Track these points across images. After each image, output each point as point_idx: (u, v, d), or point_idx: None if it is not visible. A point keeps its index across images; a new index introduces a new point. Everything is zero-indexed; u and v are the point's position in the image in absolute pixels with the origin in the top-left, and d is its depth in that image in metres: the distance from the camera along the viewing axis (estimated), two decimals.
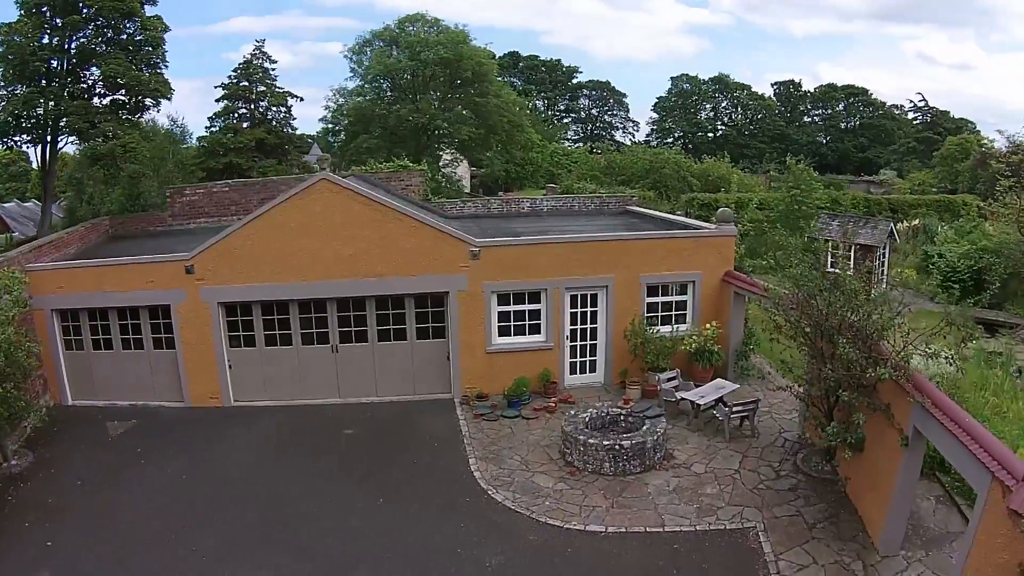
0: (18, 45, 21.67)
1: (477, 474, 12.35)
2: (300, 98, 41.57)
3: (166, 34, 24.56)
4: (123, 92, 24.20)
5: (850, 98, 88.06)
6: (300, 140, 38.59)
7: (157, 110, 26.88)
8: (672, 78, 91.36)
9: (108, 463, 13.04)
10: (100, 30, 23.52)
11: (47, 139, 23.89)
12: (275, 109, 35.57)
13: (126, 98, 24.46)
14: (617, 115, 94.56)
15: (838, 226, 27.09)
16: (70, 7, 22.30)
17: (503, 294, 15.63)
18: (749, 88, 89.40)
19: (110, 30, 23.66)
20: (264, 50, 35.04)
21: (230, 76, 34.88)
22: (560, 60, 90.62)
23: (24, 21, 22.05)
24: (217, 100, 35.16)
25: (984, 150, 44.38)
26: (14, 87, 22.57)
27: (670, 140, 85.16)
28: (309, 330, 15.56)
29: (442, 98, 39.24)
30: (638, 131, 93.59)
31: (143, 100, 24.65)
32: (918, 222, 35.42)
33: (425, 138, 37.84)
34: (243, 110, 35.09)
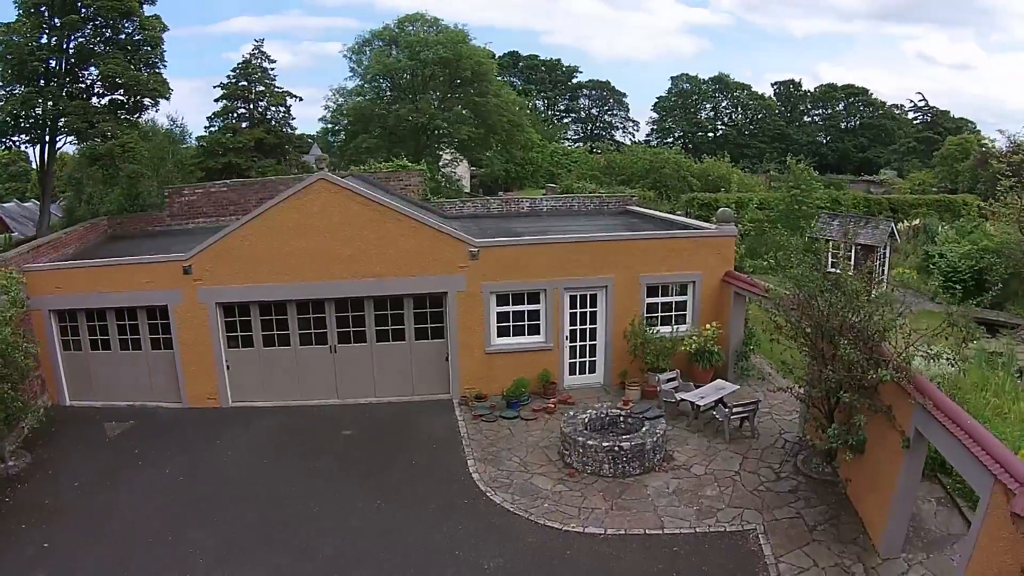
0: (16, 45, 21.61)
1: (476, 475, 12.29)
2: (299, 98, 41.61)
3: (165, 34, 24.53)
4: (121, 92, 24.14)
5: (850, 98, 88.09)
6: (300, 140, 38.60)
7: (156, 110, 26.92)
8: (672, 78, 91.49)
9: (106, 464, 12.99)
10: (98, 30, 23.46)
11: (45, 139, 23.83)
12: (274, 109, 35.60)
13: (124, 98, 24.39)
14: (617, 115, 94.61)
15: (838, 226, 27.03)
16: (68, 7, 22.23)
17: (502, 294, 15.57)
18: (749, 88, 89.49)
19: (108, 30, 23.59)
20: (263, 50, 35.09)
21: (229, 76, 34.93)
22: (560, 60, 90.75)
23: (22, 21, 22.00)
24: (216, 100, 35.22)
25: (984, 150, 44.32)
26: (12, 87, 22.50)
27: (670, 140, 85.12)
28: (307, 331, 15.50)
29: (442, 98, 39.20)
30: (638, 131, 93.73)
31: (142, 100, 24.58)
32: (918, 222, 35.39)
33: (425, 138, 37.79)
34: (242, 110, 35.10)
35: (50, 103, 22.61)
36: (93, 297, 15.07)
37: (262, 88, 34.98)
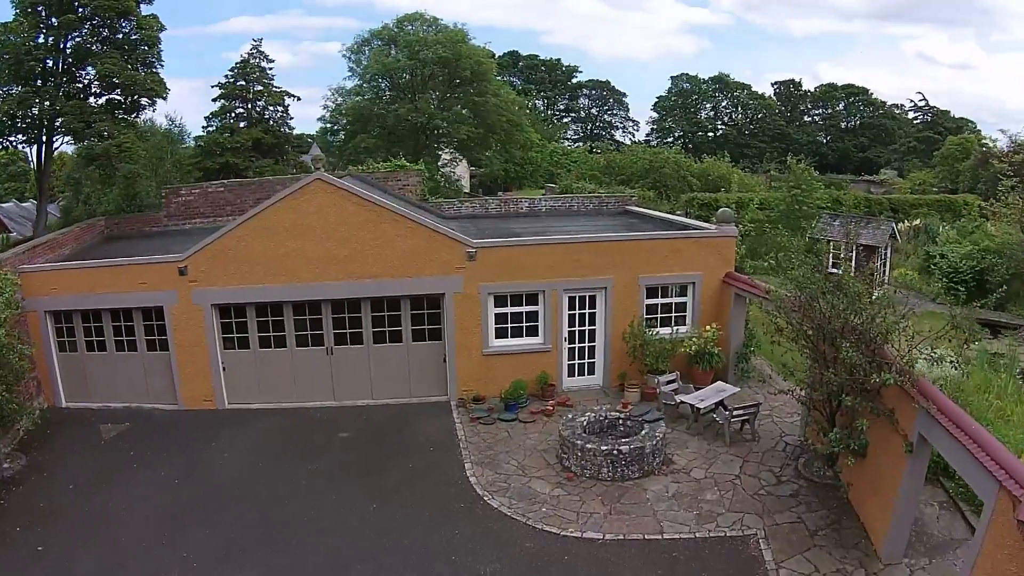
0: (13, 45, 21.48)
1: (473, 479, 12.16)
2: (297, 97, 41.61)
3: (163, 33, 24.41)
4: (118, 92, 24.00)
5: (850, 97, 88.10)
6: (299, 140, 38.49)
7: (153, 110, 26.74)
8: (672, 77, 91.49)
9: (101, 466, 12.91)
10: (96, 29, 23.32)
11: (42, 139, 23.71)
12: (272, 109, 35.48)
13: (121, 98, 24.26)
14: (617, 115, 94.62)
15: (839, 226, 26.91)
16: (66, 6, 22.09)
17: (500, 296, 15.44)
18: (749, 88, 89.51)
19: (106, 29, 23.45)
20: (261, 49, 34.97)
21: (227, 75, 34.81)
22: (560, 59, 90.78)
23: (20, 21, 21.88)
24: (214, 100, 35.08)
25: (985, 150, 44.23)
26: (9, 87, 22.39)
27: (670, 140, 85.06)
28: (304, 332, 15.38)
29: (441, 97, 39.08)
30: (638, 131, 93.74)
31: (139, 100, 24.44)
32: (919, 222, 35.29)
33: (424, 137, 37.67)
34: (240, 110, 34.99)
35: (47, 103, 22.48)
36: (89, 298, 14.97)
37: (260, 88, 34.87)
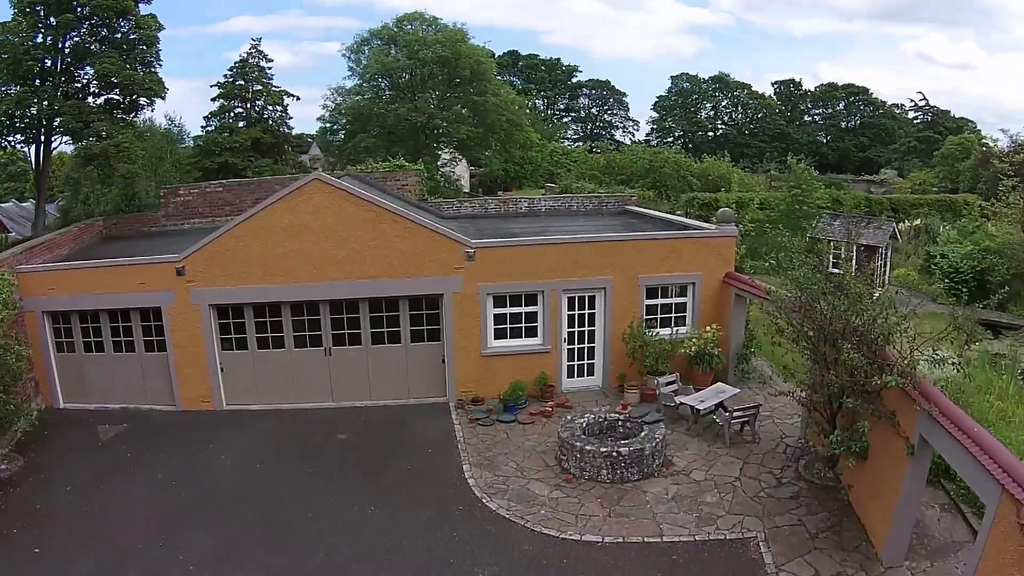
0: (12, 44, 21.43)
1: (471, 481, 12.09)
2: (296, 97, 41.56)
3: (164, 33, 24.41)
4: (117, 91, 23.94)
5: (850, 97, 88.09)
6: (299, 139, 38.44)
7: (151, 109, 26.67)
8: (672, 77, 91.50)
9: (99, 467, 12.84)
10: (94, 29, 23.28)
11: (41, 139, 23.65)
12: (271, 108, 35.43)
13: (120, 97, 24.21)
14: (617, 114, 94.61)
15: (840, 226, 26.82)
16: (64, 6, 22.03)
17: (499, 296, 15.37)
18: (749, 87, 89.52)
19: (104, 29, 23.41)
20: (260, 49, 34.95)
21: (226, 75, 34.81)
22: (560, 59, 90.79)
23: (18, 20, 21.82)
24: (213, 99, 35.05)
25: (985, 149, 44.16)
26: (8, 87, 22.33)
27: (670, 139, 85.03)
28: (302, 333, 15.30)
29: (440, 97, 38.99)
30: (638, 130, 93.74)
31: (137, 99, 24.39)
32: (919, 222, 35.24)
33: (423, 137, 37.58)
34: (239, 109, 34.95)
35: (45, 103, 22.42)
36: (86, 298, 14.89)
37: (259, 87, 34.85)
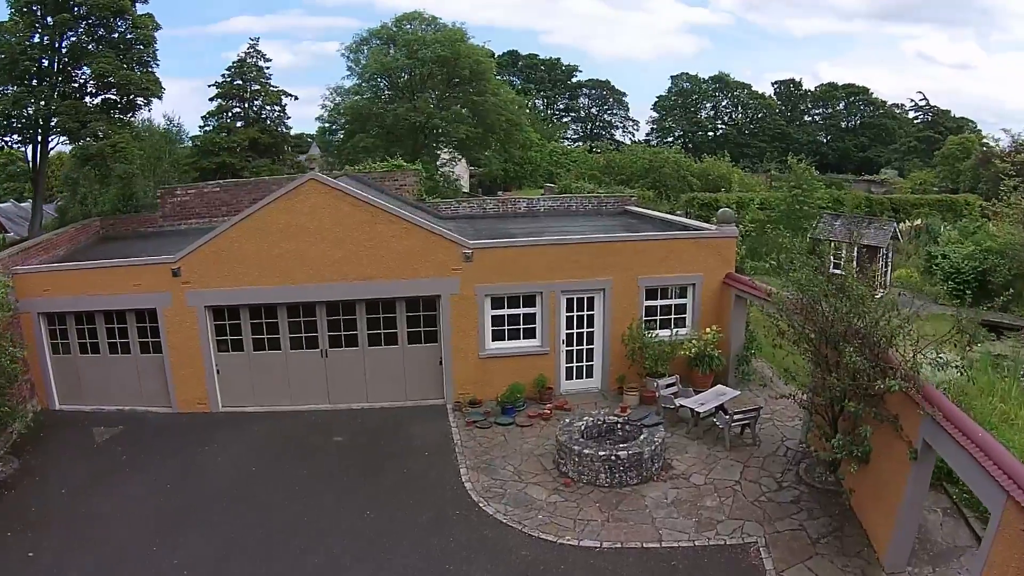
0: (8, 44, 21.30)
1: (468, 485, 11.97)
2: (295, 97, 41.34)
3: (162, 33, 24.27)
4: (114, 91, 23.82)
5: (851, 97, 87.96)
6: (298, 139, 38.32)
7: (149, 109, 26.52)
8: (672, 77, 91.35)
9: (94, 469, 12.77)
10: (91, 28, 23.15)
11: (38, 139, 23.54)
12: (269, 108, 35.30)
13: (117, 97, 24.09)
14: (617, 114, 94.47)
15: (840, 226, 26.68)
16: (61, 5, 21.91)
17: (497, 297, 15.25)
18: (749, 87, 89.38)
19: (101, 28, 23.28)
20: (258, 48, 34.81)
21: (224, 75, 34.66)
22: (559, 59, 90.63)
23: (15, 20, 21.71)
24: (211, 99, 34.91)
25: (986, 149, 44.03)
26: (4, 87, 22.21)
27: (670, 139, 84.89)
28: (298, 334, 15.19)
29: (440, 97, 38.83)
30: (638, 130, 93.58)
31: (134, 99, 24.26)
32: (920, 222, 35.11)
33: (423, 137, 37.44)
34: (237, 109, 34.81)
35: (42, 103, 22.30)
36: (82, 300, 14.80)
37: (257, 87, 34.71)
